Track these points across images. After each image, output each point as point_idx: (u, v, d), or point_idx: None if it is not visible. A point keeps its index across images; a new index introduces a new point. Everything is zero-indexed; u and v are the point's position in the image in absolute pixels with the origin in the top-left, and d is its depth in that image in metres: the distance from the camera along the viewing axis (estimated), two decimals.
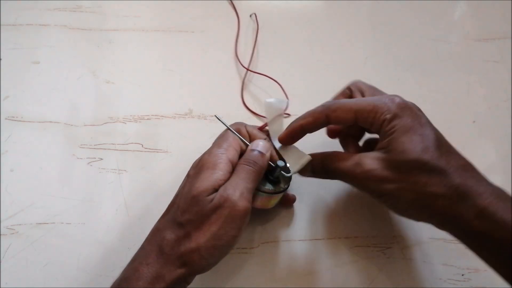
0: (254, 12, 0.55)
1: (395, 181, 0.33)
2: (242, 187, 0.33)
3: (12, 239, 0.42)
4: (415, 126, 0.34)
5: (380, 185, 0.34)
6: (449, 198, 0.32)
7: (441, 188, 0.32)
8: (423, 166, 0.32)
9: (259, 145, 0.37)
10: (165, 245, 0.33)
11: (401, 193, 0.33)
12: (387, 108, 0.34)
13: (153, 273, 0.32)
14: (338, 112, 0.36)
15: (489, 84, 0.52)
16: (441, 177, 0.32)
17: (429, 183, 0.32)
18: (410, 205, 0.34)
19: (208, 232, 0.32)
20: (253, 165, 0.35)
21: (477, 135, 0.49)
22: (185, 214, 0.33)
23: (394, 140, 0.34)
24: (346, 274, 0.42)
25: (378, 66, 0.53)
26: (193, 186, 0.33)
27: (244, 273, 0.41)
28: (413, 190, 0.33)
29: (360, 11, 0.56)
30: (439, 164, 0.32)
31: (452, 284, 0.42)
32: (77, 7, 0.54)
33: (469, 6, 0.57)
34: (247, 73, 0.51)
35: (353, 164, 0.35)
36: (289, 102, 0.41)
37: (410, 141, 0.33)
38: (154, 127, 0.48)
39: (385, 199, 0.35)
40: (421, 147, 0.33)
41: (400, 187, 0.33)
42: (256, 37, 0.53)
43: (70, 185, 0.44)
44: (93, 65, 0.51)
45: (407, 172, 0.33)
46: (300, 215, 0.44)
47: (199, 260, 0.32)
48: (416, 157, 0.33)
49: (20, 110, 0.48)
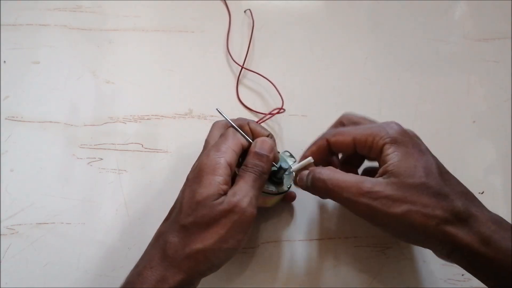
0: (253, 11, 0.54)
1: (404, 202, 0.32)
2: (251, 194, 0.34)
3: (12, 239, 0.42)
4: (416, 153, 0.34)
5: (387, 207, 0.32)
6: (454, 224, 0.32)
7: (447, 213, 0.32)
8: (430, 189, 0.32)
9: (264, 148, 0.36)
10: (168, 248, 0.33)
11: (410, 216, 0.32)
12: (386, 132, 0.35)
13: (157, 276, 0.32)
14: (337, 137, 0.37)
15: (489, 84, 0.52)
16: (446, 201, 0.32)
17: (437, 206, 0.32)
18: (417, 230, 0.32)
19: (215, 235, 0.32)
20: (260, 171, 0.35)
21: (477, 135, 0.49)
22: (188, 217, 0.33)
23: (397, 165, 0.33)
24: (346, 274, 0.42)
25: (378, 66, 0.53)
26: (196, 192, 0.33)
27: (244, 273, 0.41)
28: (422, 212, 0.32)
29: (360, 11, 0.56)
30: (443, 189, 0.33)
31: (452, 284, 0.42)
32: (77, 7, 0.54)
33: (469, 6, 0.57)
34: (241, 71, 0.51)
35: (357, 181, 0.34)
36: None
37: (414, 166, 0.33)
38: (154, 127, 0.48)
39: (391, 224, 0.33)
40: (425, 172, 0.33)
41: (409, 209, 0.32)
42: (252, 32, 0.53)
43: (70, 185, 0.44)
44: (93, 65, 0.51)
45: (415, 195, 0.32)
46: (300, 215, 0.44)
47: (204, 261, 0.32)
48: (424, 181, 0.32)
49: (20, 110, 0.48)
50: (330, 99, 0.51)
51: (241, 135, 0.37)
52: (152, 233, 0.36)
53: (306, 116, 0.49)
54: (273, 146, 0.37)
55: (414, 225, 0.32)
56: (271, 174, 0.39)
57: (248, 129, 0.38)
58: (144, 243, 0.42)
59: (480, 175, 0.47)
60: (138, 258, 0.41)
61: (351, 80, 0.52)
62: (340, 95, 0.51)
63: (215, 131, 0.39)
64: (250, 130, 0.38)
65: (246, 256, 0.42)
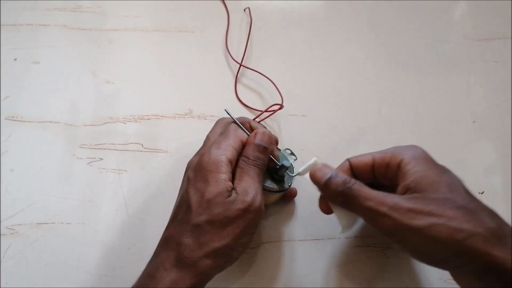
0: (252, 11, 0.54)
1: (428, 215, 0.30)
2: (260, 191, 0.34)
3: (12, 239, 0.42)
4: (437, 169, 0.33)
5: (409, 219, 0.30)
6: (486, 238, 0.29)
7: (478, 227, 0.29)
8: (456, 203, 0.30)
9: (264, 140, 0.37)
10: (183, 250, 0.32)
11: (434, 229, 0.29)
12: (403, 152, 0.34)
13: (172, 277, 0.31)
14: (358, 157, 0.37)
15: (489, 84, 0.52)
16: (476, 216, 0.30)
17: (465, 220, 0.29)
18: (442, 245, 0.30)
19: (231, 233, 0.33)
20: (261, 164, 0.36)
21: (477, 135, 0.49)
22: (201, 216, 0.32)
23: (419, 181, 0.32)
24: (346, 274, 0.42)
25: (378, 66, 0.53)
26: (204, 191, 0.33)
27: (244, 273, 0.41)
28: (448, 226, 0.29)
29: (360, 11, 0.56)
30: (470, 205, 0.30)
31: (452, 284, 0.41)
32: (77, 7, 0.54)
33: (469, 6, 0.57)
34: (240, 68, 0.51)
35: (380, 194, 0.32)
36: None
37: (437, 182, 0.31)
38: (154, 127, 0.48)
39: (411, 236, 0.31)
40: (449, 188, 0.31)
41: (434, 222, 0.29)
42: (250, 30, 0.53)
43: (70, 185, 0.44)
44: (93, 65, 0.51)
45: (440, 208, 0.30)
46: (301, 215, 0.44)
47: (222, 258, 0.33)
48: (448, 197, 0.31)
49: (20, 110, 0.48)
50: (330, 99, 0.51)
51: (244, 131, 0.38)
52: (152, 233, 0.36)
53: (306, 116, 0.49)
54: (272, 139, 0.37)
55: (439, 239, 0.29)
56: (273, 171, 0.39)
57: (249, 127, 0.39)
58: (144, 243, 0.42)
59: (480, 175, 0.47)
60: (138, 258, 0.41)
61: (351, 80, 0.52)
62: (340, 95, 0.51)
63: (217, 128, 0.39)
64: (251, 128, 0.39)
65: (246, 256, 0.42)
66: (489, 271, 0.29)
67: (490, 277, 0.29)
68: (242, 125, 0.38)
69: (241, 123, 0.38)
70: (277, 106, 0.45)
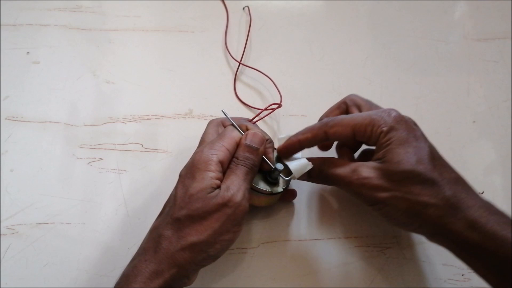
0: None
1: (389, 189, 0.34)
2: (243, 188, 0.34)
3: (12, 239, 0.42)
4: (410, 139, 0.35)
5: (374, 193, 0.35)
6: (441, 209, 0.33)
7: (433, 199, 0.33)
8: (417, 176, 0.34)
9: (254, 141, 0.37)
10: (162, 241, 0.33)
11: (394, 202, 0.34)
12: (384, 121, 0.36)
13: (151, 268, 0.32)
14: (336, 128, 0.37)
15: (489, 84, 0.52)
16: (433, 188, 0.33)
17: (422, 193, 0.33)
18: (402, 213, 0.34)
19: (209, 228, 0.33)
20: (251, 164, 0.36)
21: (477, 135, 0.49)
22: (182, 210, 0.33)
23: (389, 151, 0.35)
24: (346, 274, 0.42)
25: (378, 66, 0.53)
26: (189, 186, 0.34)
27: (244, 273, 0.41)
28: (406, 199, 0.34)
29: (360, 11, 0.56)
30: (432, 176, 0.34)
31: (452, 284, 0.42)
32: (77, 7, 0.54)
33: (469, 6, 0.57)
34: (239, 67, 0.51)
35: (349, 171, 0.36)
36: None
37: (405, 152, 0.34)
38: (154, 127, 0.48)
39: (378, 207, 0.36)
40: (415, 158, 0.34)
41: (394, 195, 0.34)
42: (249, 28, 0.53)
43: (70, 185, 0.44)
44: (93, 65, 0.51)
45: (401, 182, 0.34)
46: (300, 215, 0.44)
47: (199, 253, 0.33)
48: (411, 168, 0.34)
49: (20, 110, 0.48)
50: (330, 99, 0.50)
51: (239, 132, 0.38)
52: None
53: (306, 116, 0.49)
54: (263, 139, 0.37)
55: (399, 209, 0.34)
56: (266, 173, 0.39)
57: (245, 129, 0.39)
58: None
59: (480, 175, 0.47)
60: None
61: (351, 80, 0.52)
62: (340, 95, 0.51)
63: (210, 129, 0.40)
64: (247, 130, 0.39)
65: (246, 256, 0.42)
66: (438, 234, 0.35)
67: (439, 238, 0.35)
68: (239, 127, 0.38)
69: (238, 125, 0.39)
70: (275, 105, 0.45)
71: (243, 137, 0.37)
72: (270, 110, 0.45)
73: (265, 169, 0.39)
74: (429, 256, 0.42)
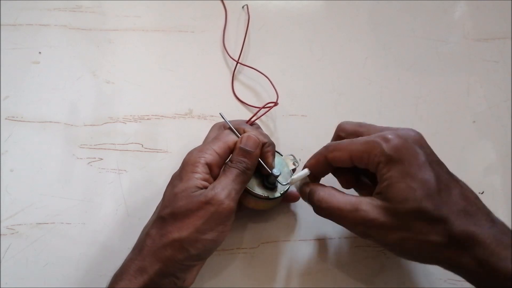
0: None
1: (398, 230, 0.32)
2: (230, 188, 0.34)
3: (12, 239, 0.42)
4: (412, 170, 0.32)
5: (383, 235, 0.33)
6: (450, 248, 0.32)
7: (443, 238, 0.32)
8: (425, 215, 0.32)
9: (248, 144, 0.37)
10: (147, 239, 0.34)
11: (405, 243, 0.33)
12: (380, 149, 0.33)
13: (136, 266, 0.33)
14: (335, 153, 0.36)
15: (489, 84, 0.52)
16: (443, 225, 0.32)
17: (431, 232, 0.32)
18: (413, 254, 0.34)
19: (191, 225, 0.33)
20: (243, 167, 0.36)
21: (477, 135, 0.49)
22: (166, 209, 0.34)
23: (391, 186, 0.32)
24: (346, 274, 0.42)
25: (378, 66, 0.53)
26: (175, 186, 0.35)
27: (244, 273, 0.41)
28: (416, 239, 0.32)
29: (360, 11, 0.56)
30: (440, 213, 0.32)
31: (452, 284, 0.42)
32: (77, 7, 0.54)
33: (469, 6, 0.57)
34: (237, 66, 0.51)
35: (352, 208, 0.34)
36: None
37: (409, 188, 0.32)
38: (154, 127, 0.48)
39: (389, 248, 0.35)
40: (421, 194, 0.32)
41: (403, 237, 0.32)
42: (247, 27, 0.53)
43: (70, 185, 0.44)
44: (93, 65, 0.51)
45: (409, 222, 0.32)
46: (301, 215, 0.44)
47: (181, 250, 0.33)
48: (417, 206, 0.31)
49: (20, 110, 0.48)
50: (330, 99, 0.51)
51: (235, 135, 0.38)
52: None
53: (306, 116, 0.49)
54: (257, 143, 0.37)
55: (409, 251, 0.33)
56: (264, 178, 0.39)
57: (243, 132, 0.38)
58: None
59: (480, 175, 0.47)
60: None
61: (351, 80, 0.52)
62: (340, 95, 0.51)
63: (211, 132, 0.40)
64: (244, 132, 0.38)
65: (246, 256, 0.42)
66: (454, 269, 0.34)
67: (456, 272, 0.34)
68: (238, 130, 0.38)
69: (237, 128, 0.38)
70: (272, 103, 0.44)
71: (239, 140, 0.37)
72: (267, 108, 0.44)
73: (264, 173, 0.39)
74: None
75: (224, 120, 0.39)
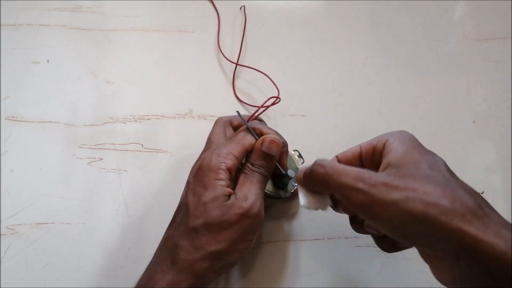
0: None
1: (404, 189, 0.28)
2: (260, 197, 0.34)
3: (12, 239, 0.42)
4: (421, 150, 0.32)
5: (384, 193, 0.29)
6: (462, 215, 0.27)
7: (456, 204, 0.27)
8: (435, 180, 0.29)
9: (271, 149, 0.36)
10: (179, 251, 0.32)
11: (409, 203, 0.28)
12: (389, 134, 0.34)
13: (169, 279, 0.32)
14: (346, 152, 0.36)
15: (489, 84, 0.52)
16: (454, 193, 0.28)
17: (443, 196, 0.27)
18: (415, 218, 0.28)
19: (228, 237, 0.32)
20: (265, 172, 0.36)
21: (477, 135, 0.49)
22: (197, 219, 0.33)
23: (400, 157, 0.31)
24: (346, 274, 0.42)
25: (378, 66, 0.53)
26: (202, 194, 0.33)
27: (245, 273, 0.41)
28: (423, 200, 0.27)
29: (360, 11, 0.56)
30: (451, 183, 0.29)
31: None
32: (77, 7, 0.54)
33: (469, 6, 0.57)
34: (236, 68, 0.51)
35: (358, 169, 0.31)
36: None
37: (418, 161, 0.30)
38: (154, 127, 0.48)
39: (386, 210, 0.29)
40: (430, 167, 0.30)
41: (408, 196, 0.28)
42: (244, 28, 0.53)
43: (70, 185, 0.44)
44: (93, 65, 0.51)
45: (418, 183, 0.29)
46: (301, 215, 0.44)
47: (218, 262, 0.33)
48: (427, 173, 0.29)
49: (20, 110, 0.48)
50: (330, 99, 0.51)
51: (253, 136, 0.37)
52: (152, 233, 0.36)
53: (306, 116, 0.49)
54: (280, 147, 0.36)
55: (414, 213, 0.27)
56: (276, 177, 0.39)
57: (259, 133, 0.37)
58: (144, 243, 0.42)
59: (480, 175, 0.47)
60: (138, 258, 0.41)
61: (351, 80, 0.52)
62: (340, 95, 0.51)
63: (217, 129, 0.39)
64: (261, 133, 0.37)
65: (246, 256, 0.42)
66: (463, 251, 0.27)
67: (466, 258, 0.27)
68: (253, 129, 0.37)
69: (253, 128, 0.37)
70: (273, 98, 0.43)
71: (260, 141, 0.36)
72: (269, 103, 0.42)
73: (275, 172, 0.38)
74: None
75: (242, 120, 0.38)
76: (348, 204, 0.31)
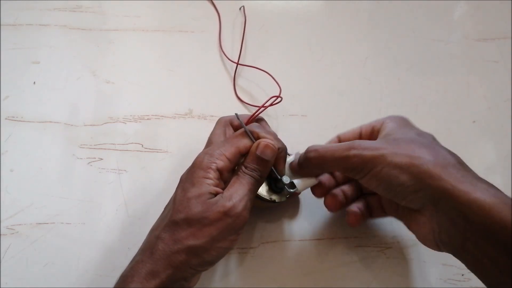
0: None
1: (392, 148, 0.33)
2: (246, 198, 0.34)
3: (12, 239, 0.42)
4: (414, 130, 0.36)
5: (375, 151, 0.33)
6: (443, 166, 0.31)
7: (437, 158, 0.32)
8: (421, 143, 0.34)
9: (266, 153, 0.36)
10: (159, 243, 0.33)
11: (396, 157, 0.32)
12: (387, 117, 0.39)
13: (147, 269, 0.32)
14: (346, 132, 0.41)
15: (489, 84, 0.52)
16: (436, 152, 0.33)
17: (428, 153, 0.32)
18: (401, 168, 0.32)
19: (207, 235, 0.33)
20: (257, 176, 0.36)
21: (477, 135, 0.49)
22: (179, 213, 0.33)
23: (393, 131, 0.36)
24: (346, 274, 0.42)
25: (378, 66, 0.53)
26: (188, 190, 0.34)
27: (244, 273, 0.41)
28: (408, 154, 0.32)
29: (360, 11, 0.56)
30: (436, 147, 0.34)
31: (452, 284, 0.42)
32: (77, 7, 0.54)
33: (469, 6, 0.57)
34: (237, 68, 0.51)
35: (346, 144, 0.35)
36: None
37: (409, 131, 0.36)
38: (154, 127, 0.48)
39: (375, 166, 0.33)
40: (418, 135, 0.35)
41: (396, 151, 0.33)
42: (244, 29, 0.53)
43: (70, 185, 0.44)
44: (93, 65, 0.51)
45: (405, 144, 0.34)
46: (301, 215, 0.44)
47: (195, 257, 0.33)
48: (416, 138, 0.34)
49: (20, 110, 0.48)
50: (330, 99, 0.51)
51: (250, 138, 0.37)
52: None
53: (306, 116, 0.50)
54: (275, 152, 0.36)
55: (399, 164, 0.32)
56: (272, 181, 0.39)
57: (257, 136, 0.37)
58: None
59: (480, 175, 0.47)
60: None
61: (351, 80, 0.52)
62: (340, 95, 0.51)
63: (217, 129, 0.39)
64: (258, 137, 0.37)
65: (246, 256, 0.42)
66: (443, 198, 0.31)
67: (444, 205, 0.31)
68: (251, 132, 0.37)
69: (251, 131, 0.37)
70: (274, 97, 0.43)
71: (255, 145, 0.36)
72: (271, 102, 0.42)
73: (271, 177, 0.38)
74: (429, 256, 0.42)
75: (240, 122, 0.38)
76: (345, 172, 0.36)
